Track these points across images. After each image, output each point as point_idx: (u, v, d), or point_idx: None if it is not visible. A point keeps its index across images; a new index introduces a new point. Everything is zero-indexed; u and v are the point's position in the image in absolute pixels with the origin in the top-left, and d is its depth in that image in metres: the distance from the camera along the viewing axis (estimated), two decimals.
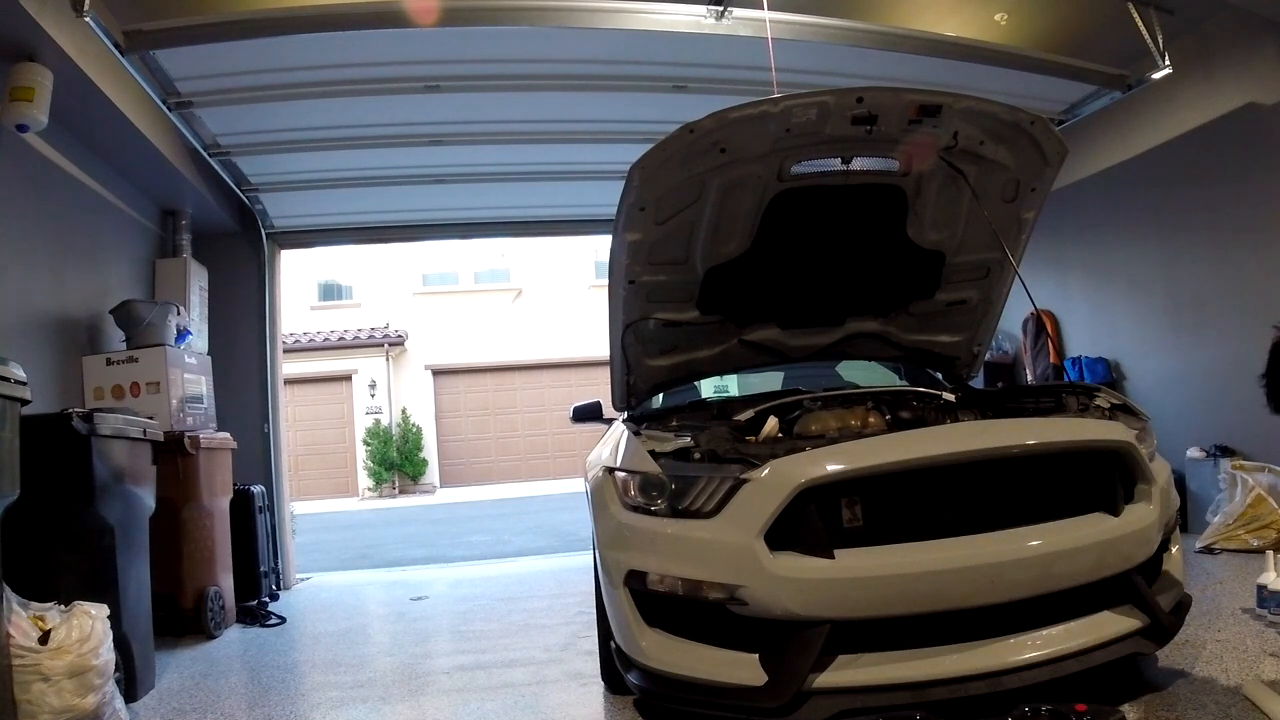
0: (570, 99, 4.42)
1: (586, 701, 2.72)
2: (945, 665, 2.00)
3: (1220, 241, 4.74)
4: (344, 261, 18.72)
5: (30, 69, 3.17)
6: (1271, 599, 2.83)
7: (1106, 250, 5.61)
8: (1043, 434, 2.31)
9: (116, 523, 2.93)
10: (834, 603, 2.00)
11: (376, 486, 16.90)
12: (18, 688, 2.15)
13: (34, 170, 3.73)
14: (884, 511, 2.15)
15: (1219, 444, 4.72)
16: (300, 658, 3.72)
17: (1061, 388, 2.91)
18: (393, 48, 3.84)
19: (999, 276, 3.17)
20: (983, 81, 4.26)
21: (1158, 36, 4.12)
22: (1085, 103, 5.01)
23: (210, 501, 4.25)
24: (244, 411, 5.56)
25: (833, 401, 2.76)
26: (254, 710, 2.86)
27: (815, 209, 2.83)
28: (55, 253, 3.97)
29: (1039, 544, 2.08)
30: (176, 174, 4.57)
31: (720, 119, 2.44)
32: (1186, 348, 5.03)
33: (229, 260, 5.69)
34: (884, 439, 2.33)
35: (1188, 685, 2.25)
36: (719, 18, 3.70)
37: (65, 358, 4.00)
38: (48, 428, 2.73)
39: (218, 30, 3.51)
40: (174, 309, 4.47)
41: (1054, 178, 2.89)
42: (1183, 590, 2.36)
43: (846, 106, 2.51)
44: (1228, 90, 4.41)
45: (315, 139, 4.64)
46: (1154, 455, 2.46)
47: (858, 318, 3.33)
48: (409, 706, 2.85)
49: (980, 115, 2.65)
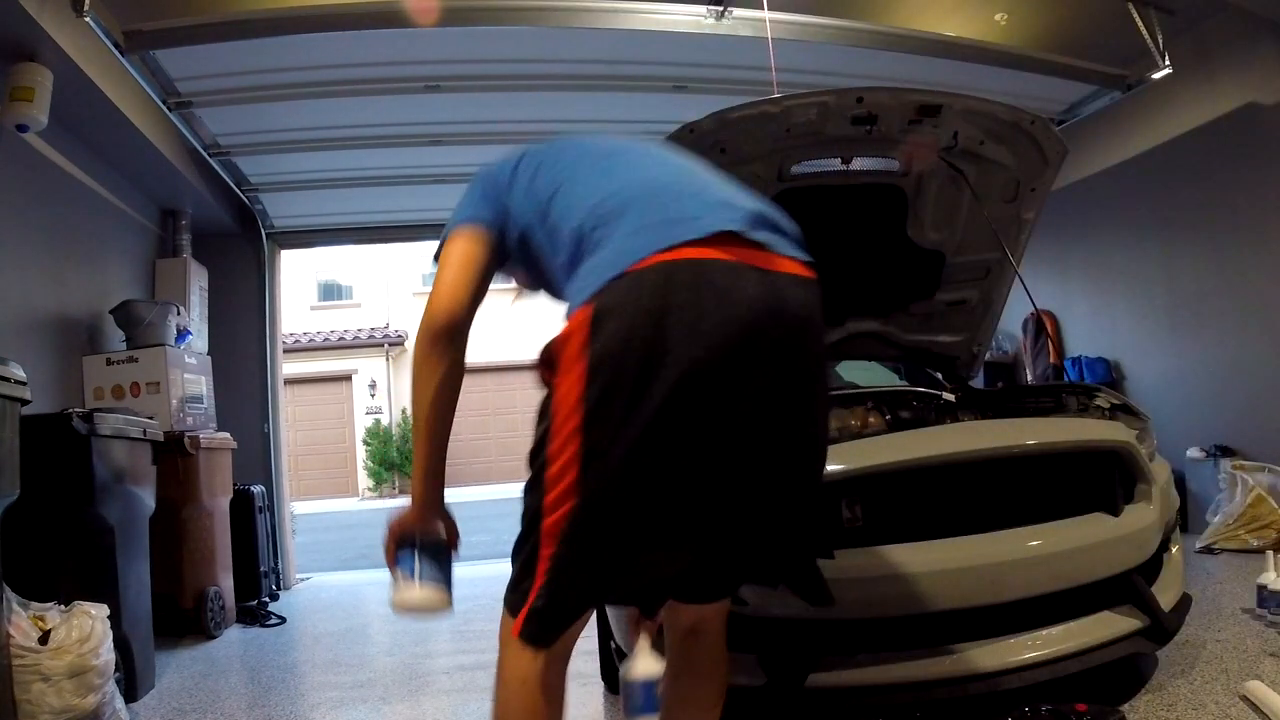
0: (570, 99, 4.42)
1: (586, 701, 2.72)
2: (945, 665, 2.00)
3: (1220, 241, 4.74)
4: (344, 261, 18.74)
5: (30, 69, 3.17)
6: (1271, 599, 2.83)
7: (1107, 250, 5.61)
8: (1043, 434, 2.31)
9: (116, 523, 2.93)
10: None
11: (376, 486, 16.92)
12: (18, 688, 2.15)
13: (34, 170, 3.73)
14: (884, 511, 2.15)
15: (1219, 444, 4.72)
16: (300, 658, 3.72)
17: (1061, 388, 2.91)
18: (393, 48, 3.84)
19: (999, 276, 3.17)
20: (983, 81, 4.26)
21: (1158, 36, 4.12)
22: (1085, 103, 5.01)
23: (210, 501, 4.24)
24: (244, 411, 5.56)
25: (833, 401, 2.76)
26: (254, 710, 2.86)
27: (815, 209, 2.83)
28: (55, 253, 3.97)
29: (1039, 544, 2.08)
30: (176, 174, 4.57)
31: (720, 119, 2.43)
32: (1186, 348, 5.03)
33: (229, 260, 5.69)
34: (884, 439, 2.33)
35: (1188, 685, 2.25)
36: (719, 18, 3.70)
37: (65, 358, 4.00)
38: (48, 428, 2.72)
39: (218, 30, 3.51)
40: (174, 309, 4.47)
41: (1054, 178, 2.89)
42: (1183, 590, 2.36)
43: (846, 106, 2.50)
44: (1228, 90, 4.41)
45: (315, 139, 4.64)
46: (1154, 455, 2.46)
47: (858, 318, 3.32)
48: (409, 706, 2.85)
49: (980, 115, 2.65)
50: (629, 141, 1.43)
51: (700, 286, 1.10)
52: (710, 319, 1.08)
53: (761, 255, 1.15)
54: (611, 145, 1.41)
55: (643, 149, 1.40)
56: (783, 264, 1.17)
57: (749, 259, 1.13)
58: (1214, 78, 4.46)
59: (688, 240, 1.12)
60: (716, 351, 1.08)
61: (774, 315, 1.13)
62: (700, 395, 1.09)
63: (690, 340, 1.08)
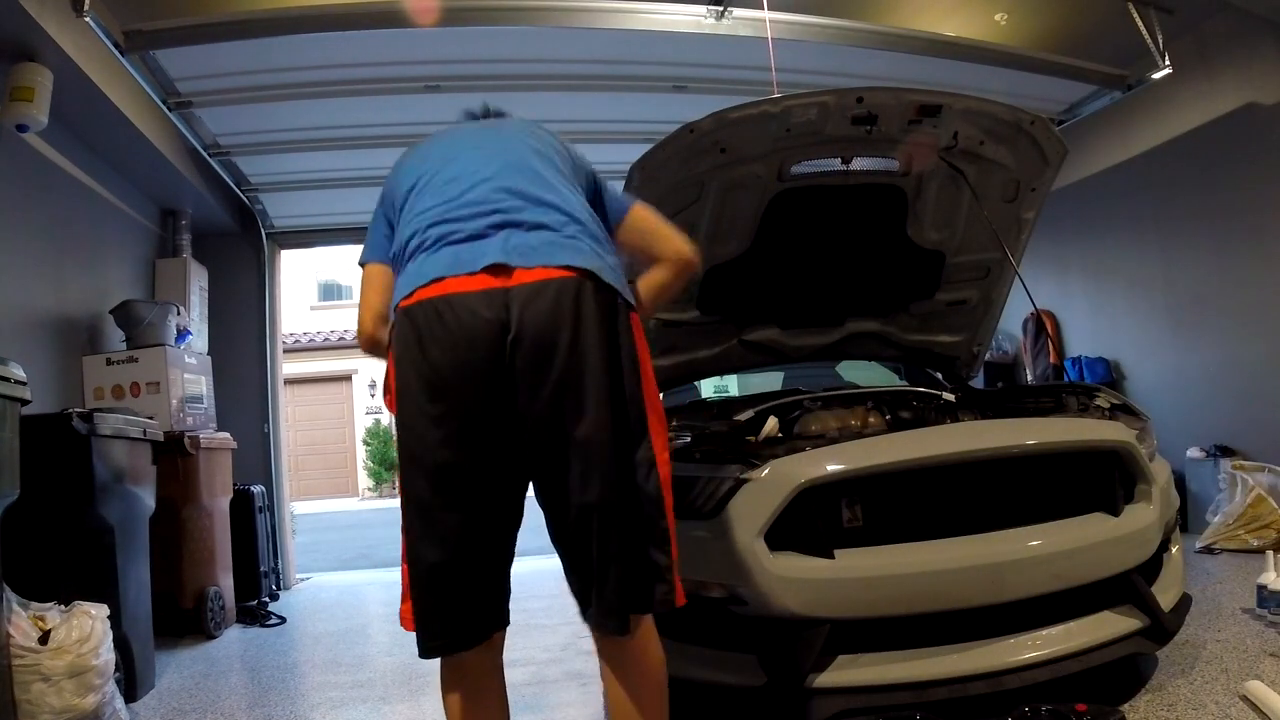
0: (570, 99, 4.42)
1: (586, 701, 2.72)
2: (945, 665, 2.00)
3: (1220, 241, 4.74)
4: (344, 261, 18.69)
5: (30, 69, 3.17)
6: (1271, 599, 2.83)
7: (1106, 250, 5.62)
8: (1043, 434, 2.31)
9: (116, 523, 2.93)
10: (834, 603, 1.99)
11: (376, 486, 16.90)
12: (18, 688, 2.15)
13: (34, 170, 3.73)
14: (884, 511, 2.15)
15: (1219, 444, 4.72)
16: (300, 658, 3.72)
17: (1061, 388, 2.91)
18: (393, 48, 3.84)
19: (999, 276, 3.17)
20: (983, 81, 4.26)
21: (1158, 36, 4.12)
22: (1085, 103, 5.01)
23: (210, 501, 4.25)
24: (244, 411, 5.56)
25: (833, 401, 2.76)
26: (254, 710, 2.86)
27: (815, 209, 2.83)
28: (55, 253, 3.97)
29: (1039, 544, 2.08)
30: (176, 174, 4.57)
31: (720, 119, 2.43)
32: (1186, 348, 5.03)
33: (229, 260, 5.69)
34: (884, 439, 2.33)
35: (1188, 685, 2.25)
36: (719, 18, 3.70)
37: (65, 358, 4.00)
38: (48, 428, 2.72)
39: (218, 30, 3.51)
40: (174, 309, 4.47)
41: (1054, 178, 2.89)
42: (1183, 590, 2.36)
43: (846, 106, 2.51)
44: (1228, 90, 4.41)
45: (315, 139, 4.64)
46: (1154, 455, 2.46)
47: (858, 318, 3.33)
48: (409, 706, 2.85)
49: (980, 115, 2.65)
50: (429, 168, 1.65)
51: (433, 318, 1.38)
52: (438, 342, 1.37)
53: (497, 277, 1.39)
54: (420, 177, 1.64)
55: (436, 181, 1.61)
56: (521, 276, 1.39)
57: (481, 284, 1.38)
58: (1214, 78, 4.47)
59: (423, 283, 1.42)
60: (444, 365, 1.37)
61: (506, 325, 1.36)
62: (444, 396, 1.38)
63: (428, 358, 1.38)
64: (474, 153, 1.63)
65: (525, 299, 1.37)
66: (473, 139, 1.71)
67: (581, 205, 1.57)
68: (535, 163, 1.59)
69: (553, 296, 1.37)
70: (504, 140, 1.68)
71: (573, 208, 1.52)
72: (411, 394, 1.40)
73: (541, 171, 1.58)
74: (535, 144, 1.66)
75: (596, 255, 1.45)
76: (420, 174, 1.62)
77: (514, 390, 1.37)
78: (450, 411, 1.37)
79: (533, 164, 1.59)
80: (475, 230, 1.45)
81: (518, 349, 1.36)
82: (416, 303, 1.40)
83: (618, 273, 1.49)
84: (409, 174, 1.66)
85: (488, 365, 1.36)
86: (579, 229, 1.48)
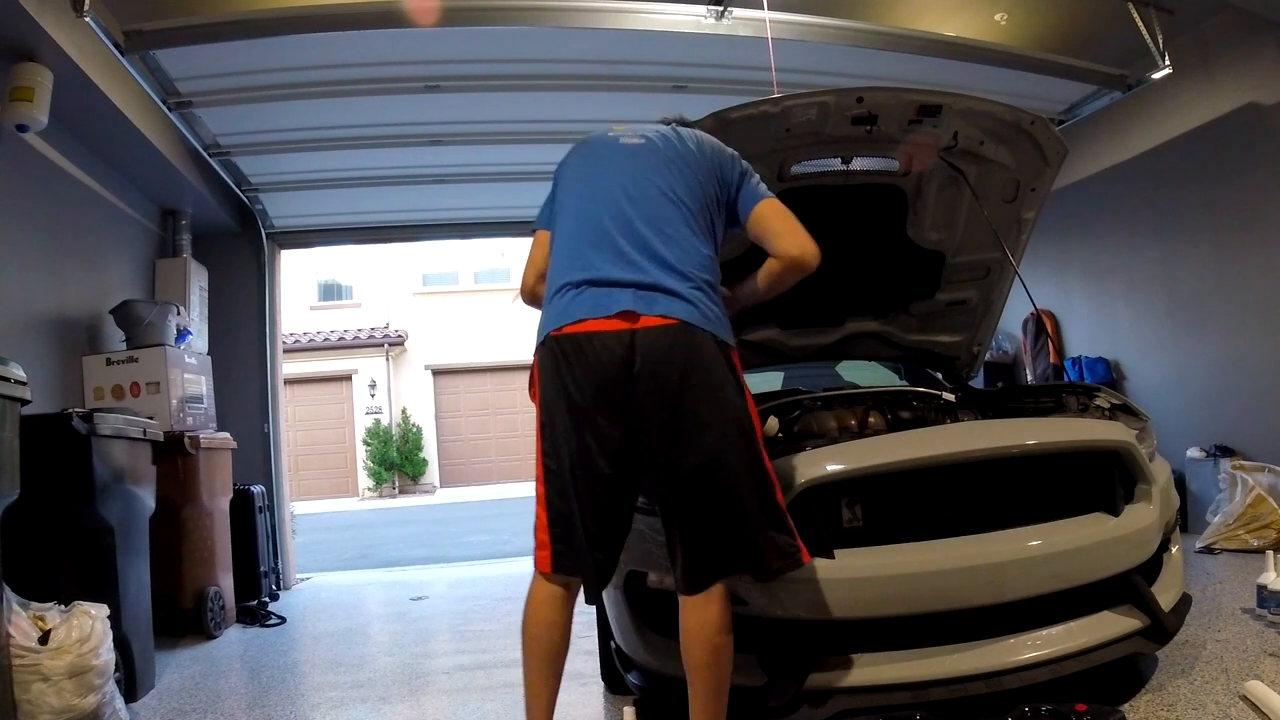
0: (570, 99, 4.42)
1: (586, 701, 2.72)
2: (945, 665, 2.00)
3: (1220, 241, 4.74)
4: (344, 261, 18.74)
5: (30, 69, 3.17)
6: (1271, 599, 2.83)
7: (1106, 250, 5.62)
8: (1043, 434, 2.31)
9: (116, 523, 2.93)
10: (834, 603, 2.00)
11: (376, 486, 16.91)
12: (18, 688, 2.15)
13: (34, 170, 3.73)
14: (884, 511, 2.15)
15: (1219, 444, 4.72)
16: (300, 658, 3.72)
17: (1061, 388, 2.91)
18: (393, 48, 3.84)
19: (999, 276, 3.17)
20: (983, 81, 4.26)
21: (1158, 36, 4.12)
22: (1085, 103, 5.01)
23: (210, 501, 4.25)
24: (244, 411, 5.56)
25: (833, 401, 2.76)
26: (254, 710, 2.86)
27: (815, 209, 2.82)
28: (55, 253, 3.97)
29: (1039, 544, 2.08)
30: (176, 174, 4.57)
31: (720, 119, 2.44)
32: (1186, 348, 5.03)
33: (229, 260, 5.69)
34: (884, 439, 2.33)
35: (1188, 685, 2.25)
36: (719, 18, 3.69)
37: (65, 358, 4.00)
38: (48, 428, 2.72)
39: (218, 30, 3.50)
40: (174, 309, 4.47)
41: (1054, 178, 2.89)
42: (1183, 590, 2.36)
43: (846, 106, 2.51)
44: (1228, 90, 4.41)
45: (315, 139, 4.63)
46: (1154, 455, 2.46)
47: (858, 318, 3.33)
48: (409, 706, 2.85)
49: (980, 115, 2.65)
50: (586, 196, 2.00)
51: (575, 351, 1.80)
52: (578, 372, 1.79)
53: (626, 320, 1.78)
54: (575, 203, 2.01)
55: (591, 212, 1.95)
56: (645, 321, 1.78)
57: (614, 326, 1.78)
58: (1214, 78, 4.46)
59: (570, 321, 1.82)
60: (585, 385, 1.79)
61: (631, 362, 1.77)
62: (585, 418, 1.80)
63: (572, 386, 1.80)
64: (616, 192, 1.93)
65: (648, 339, 1.77)
66: (616, 173, 1.98)
67: (698, 254, 1.88)
68: (667, 209, 1.90)
69: (670, 339, 1.77)
70: (640, 184, 1.93)
71: (688, 267, 1.84)
72: (556, 408, 1.82)
73: (670, 222, 1.89)
74: (671, 179, 1.93)
75: (705, 305, 1.83)
76: (570, 192, 2.01)
77: (634, 406, 1.78)
78: (584, 420, 1.79)
79: (665, 211, 1.89)
80: (612, 278, 1.82)
81: (639, 376, 1.76)
82: (566, 335, 1.81)
83: (722, 320, 1.87)
84: (566, 187, 2.04)
85: (615, 385, 1.77)
86: (690, 286, 1.83)
